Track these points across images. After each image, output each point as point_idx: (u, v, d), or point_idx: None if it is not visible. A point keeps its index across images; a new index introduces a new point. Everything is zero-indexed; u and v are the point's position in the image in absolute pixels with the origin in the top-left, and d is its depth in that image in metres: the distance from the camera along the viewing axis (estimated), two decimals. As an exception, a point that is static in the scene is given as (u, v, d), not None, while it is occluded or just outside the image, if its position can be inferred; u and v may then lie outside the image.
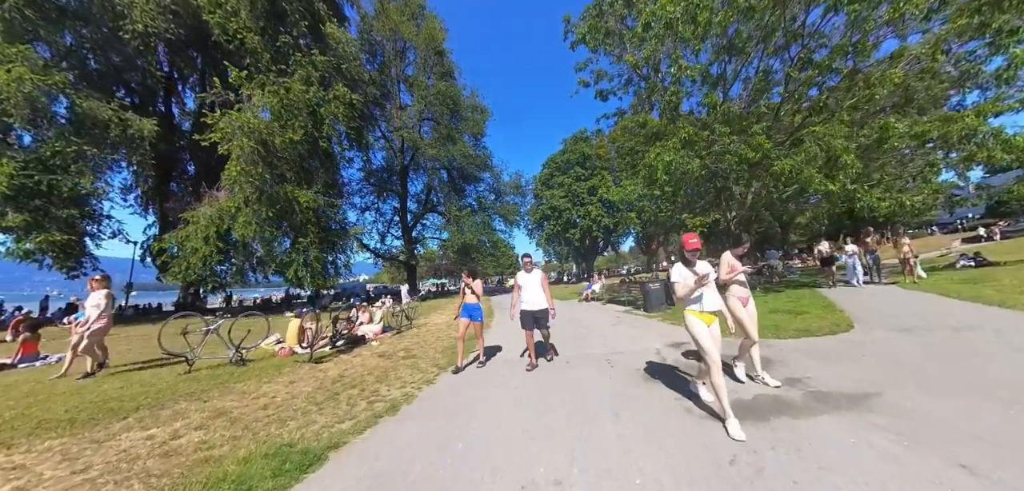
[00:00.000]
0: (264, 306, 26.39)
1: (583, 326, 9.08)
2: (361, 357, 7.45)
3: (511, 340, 7.73)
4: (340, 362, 7.09)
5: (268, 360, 7.40)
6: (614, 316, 10.68)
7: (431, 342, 8.63)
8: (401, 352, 7.75)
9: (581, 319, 10.46)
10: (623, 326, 8.73)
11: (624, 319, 9.98)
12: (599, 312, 12.24)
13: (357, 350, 8.32)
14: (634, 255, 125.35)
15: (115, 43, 20.95)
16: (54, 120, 20.15)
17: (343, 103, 19.57)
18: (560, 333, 7.92)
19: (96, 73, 21.86)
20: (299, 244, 19.54)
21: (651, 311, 10.94)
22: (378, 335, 10.16)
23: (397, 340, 9.25)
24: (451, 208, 30.12)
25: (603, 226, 42.33)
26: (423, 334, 9.90)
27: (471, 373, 5.76)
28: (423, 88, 25.34)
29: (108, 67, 22.71)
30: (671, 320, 8.96)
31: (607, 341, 6.92)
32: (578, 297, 19.04)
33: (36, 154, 18.91)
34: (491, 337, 8.29)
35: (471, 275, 6.21)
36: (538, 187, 46.87)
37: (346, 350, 8.35)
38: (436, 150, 25.87)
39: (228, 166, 18.25)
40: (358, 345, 9.03)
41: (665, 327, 8.24)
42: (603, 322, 9.52)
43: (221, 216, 20.29)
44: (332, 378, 5.86)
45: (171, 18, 20.60)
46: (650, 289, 11.10)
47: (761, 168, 11.31)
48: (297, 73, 19.27)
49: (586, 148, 42.65)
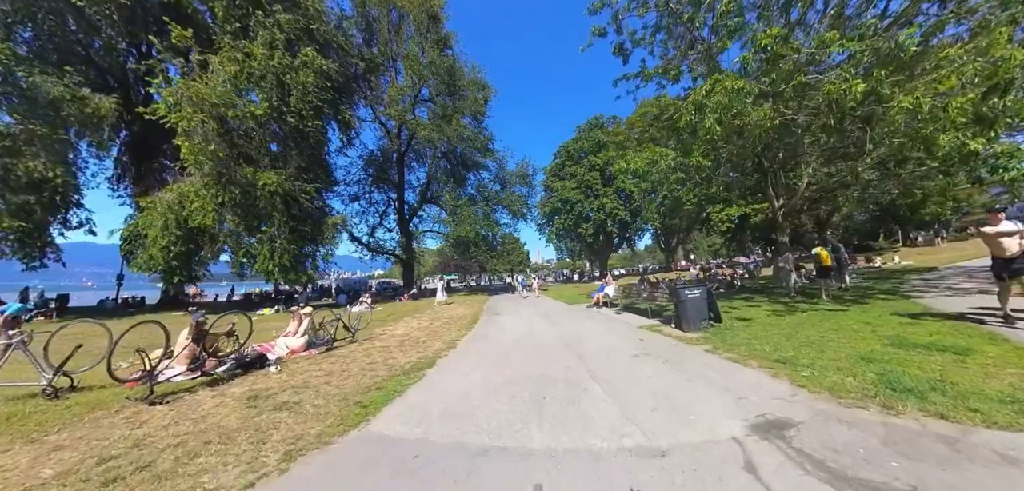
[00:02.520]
0: (240, 304, 24.06)
1: (586, 360, 5.81)
2: (217, 400, 4.63)
3: (466, 386, 4.56)
4: (172, 408, 4.13)
5: (87, 394, 4.58)
6: (635, 338, 7.38)
7: (353, 373, 5.67)
8: (290, 391, 4.82)
9: (586, 344, 7.18)
10: (652, 363, 5.44)
11: (651, 344, 6.67)
12: (612, 328, 8.94)
13: (234, 383, 5.42)
14: (651, 253, 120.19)
15: (71, 14, 18.84)
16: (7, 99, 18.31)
17: (312, 69, 16.71)
18: (542, 383, 4.71)
19: (57, 51, 19.77)
20: (263, 233, 16.88)
21: (689, 328, 7.61)
22: (296, 353, 7.24)
23: (314, 364, 6.30)
24: (447, 198, 27.10)
25: (619, 220, 38.60)
26: (356, 354, 6.92)
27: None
28: (414, 59, 22.33)
29: (68, 43, 20.73)
30: (728, 351, 5.63)
31: (628, 409, 3.66)
32: (587, 302, 15.74)
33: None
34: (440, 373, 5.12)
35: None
36: (548, 178, 43.42)
37: (224, 380, 5.45)
38: (428, 131, 22.83)
39: (179, 144, 15.75)
40: (254, 369, 6.11)
41: (725, 367, 4.91)
42: (619, 352, 6.23)
43: (181, 202, 17.89)
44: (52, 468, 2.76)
45: None
46: (687, 297, 7.76)
47: (858, 119, 7.73)
48: (260, 35, 16.53)
49: (602, 135, 38.97)
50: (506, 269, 68.83)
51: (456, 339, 8.08)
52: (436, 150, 26.56)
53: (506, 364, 5.62)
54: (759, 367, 4.78)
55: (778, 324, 7.67)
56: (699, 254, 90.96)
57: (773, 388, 4.01)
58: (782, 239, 15.56)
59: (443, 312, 14.78)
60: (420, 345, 7.72)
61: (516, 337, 8.05)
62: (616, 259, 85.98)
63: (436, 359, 6.30)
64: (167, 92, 15.11)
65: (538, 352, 6.37)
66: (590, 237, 40.58)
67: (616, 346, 6.58)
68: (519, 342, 7.45)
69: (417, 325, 10.76)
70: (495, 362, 5.78)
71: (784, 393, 3.83)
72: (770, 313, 9.12)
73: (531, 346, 6.88)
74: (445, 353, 6.75)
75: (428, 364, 5.91)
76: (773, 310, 9.51)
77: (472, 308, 16.24)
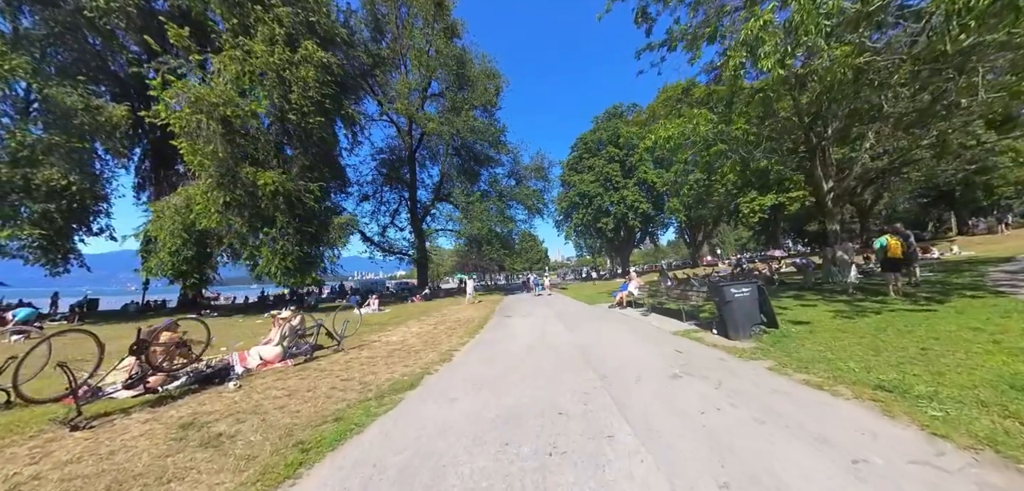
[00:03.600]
0: (255, 307, 23.84)
1: (611, 382, 4.53)
2: (147, 426, 3.92)
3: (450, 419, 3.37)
4: (92, 436, 3.29)
5: (20, 412, 3.88)
6: (670, 348, 6.03)
7: (319, 393, 4.73)
8: (233, 417, 3.94)
9: (610, 356, 5.90)
10: (700, 386, 4.11)
11: (692, 358, 5.32)
12: (640, 333, 7.60)
13: (182, 402, 4.64)
14: (674, 249, 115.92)
15: (85, 27, 18.99)
16: (33, 112, 18.60)
17: (312, 64, 15.97)
18: (549, 423, 3.47)
19: (74, 65, 20.25)
20: (265, 234, 16.31)
21: (737, 335, 6.21)
22: (270, 363, 6.31)
23: (280, 380, 5.40)
24: (458, 194, 26.03)
25: (641, 213, 36.62)
26: (334, 367, 5.91)
27: None
28: (421, 51, 21.36)
29: (88, 57, 21.23)
30: (800, 370, 4.24)
31: (681, 478, 2.39)
32: (609, 301, 14.35)
33: (5, 147, 17.42)
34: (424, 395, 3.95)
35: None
36: (566, 172, 41.81)
37: (173, 397, 4.77)
38: (436, 124, 21.81)
39: (178, 146, 15.40)
40: (212, 384, 5.27)
41: (805, 397, 3.54)
42: (652, 370, 4.91)
43: (188, 205, 17.64)
44: None
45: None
46: (734, 296, 6.33)
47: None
48: (260, 31, 15.93)
49: (621, 124, 37.10)
50: (525, 268, 67.60)
51: (455, 348, 6.94)
52: (447, 146, 25.62)
53: (506, 386, 4.41)
54: (855, 397, 3.41)
55: (850, 329, 6.17)
56: (725, 249, 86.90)
57: (895, 438, 2.65)
58: (831, 227, 13.69)
59: (453, 313, 13.75)
60: (412, 355, 6.64)
61: (526, 345, 6.84)
62: (638, 255, 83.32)
63: (423, 376, 5.18)
64: (166, 94, 14.70)
65: (549, 368, 5.14)
66: (610, 232, 38.80)
67: (648, 360, 5.26)
68: (528, 352, 6.23)
69: (418, 330, 9.71)
70: (494, 383, 4.59)
71: (919, 449, 2.48)
72: (832, 315, 7.57)
73: (542, 358, 5.66)
74: (437, 367, 5.62)
75: (410, 384, 4.79)
76: (834, 310, 7.94)
77: (484, 309, 15.13)
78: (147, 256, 21.33)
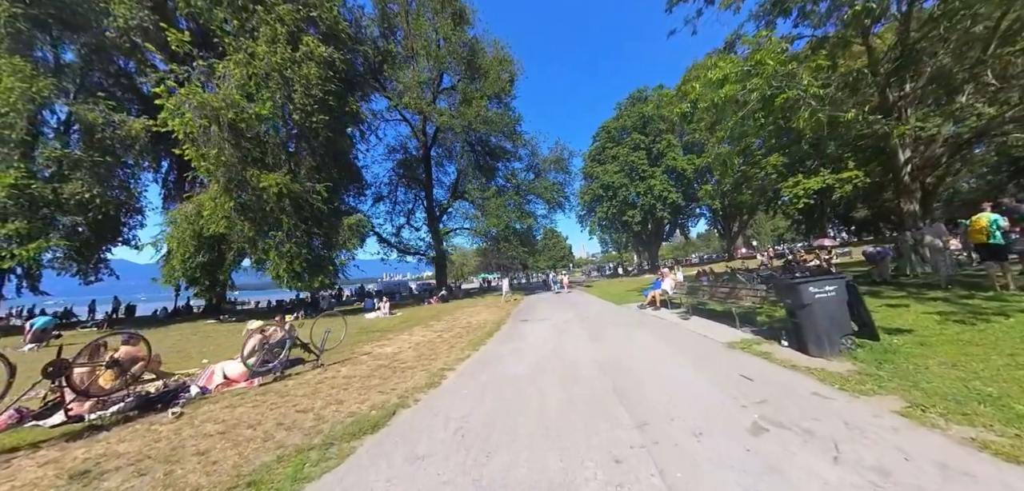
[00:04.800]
0: (273, 311, 23.66)
1: (660, 446, 3.08)
2: (41, 470, 3.26)
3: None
4: None
5: None
6: (731, 374, 4.48)
7: (261, 431, 3.84)
8: (140, 465, 3.03)
9: (649, 388, 4.45)
10: (805, 453, 2.60)
11: (770, 391, 3.76)
12: (685, 346, 6.05)
13: (111, 433, 3.97)
14: (705, 241, 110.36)
15: (107, 45, 19.25)
16: (64, 132, 19.37)
17: (314, 61, 15.17)
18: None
19: (110, 88, 20.76)
20: (272, 237, 15.71)
21: (821, 349, 4.62)
22: (234, 383, 5.43)
23: (228, 408, 4.55)
24: (472, 190, 24.79)
25: (670, 204, 34.15)
26: (297, 391, 4.83)
27: None
28: (430, 40, 20.25)
29: (117, 78, 21.77)
30: (962, 419, 2.65)
31: None
32: (639, 300, 12.68)
33: (36, 163, 17.98)
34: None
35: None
36: (588, 164, 39.80)
37: (106, 426, 4.14)
38: (448, 118, 20.64)
39: (181, 152, 15.05)
40: (154, 410, 4.61)
41: (1005, 480, 2.01)
42: (721, 418, 3.37)
43: (198, 212, 17.40)
44: None
45: (148, 7, 17.99)
46: (815, 297, 4.71)
47: None
48: (262, 31, 15.31)
49: (647, 108, 34.72)
50: (548, 266, 65.92)
51: (450, 366, 5.66)
52: (463, 143, 24.45)
53: (498, 442, 3.06)
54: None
55: (980, 339, 4.60)
56: (762, 240, 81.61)
57: None
58: (908, 207, 11.51)
59: (465, 317, 12.55)
60: (398, 374, 5.44)
61: (536, 363, 5.46)
62: (667, 249, 79.62)
63: (396, 410, 3.97)
64: (170, 100, 14.35)
65: (562, 407, 3.75)
66: (637, 226, 36.53)
67: (706, 392, 3.77)
68: (537, 374, 4.85)
69: (419, 339, 8.52)
70: (479, 434, 3.25)
71: None
72: (938, 318, 5.82)
73: (554, 390, 4.26)
74: (419, 395, 4.34)
75: (373, 425, 3.58)
76: (937, 312, 6.17)
77: (499, 312, 13.84)
78: (165, 264, 21.48)
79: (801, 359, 4.61)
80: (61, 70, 19.66)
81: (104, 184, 19.69)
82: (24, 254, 17.06)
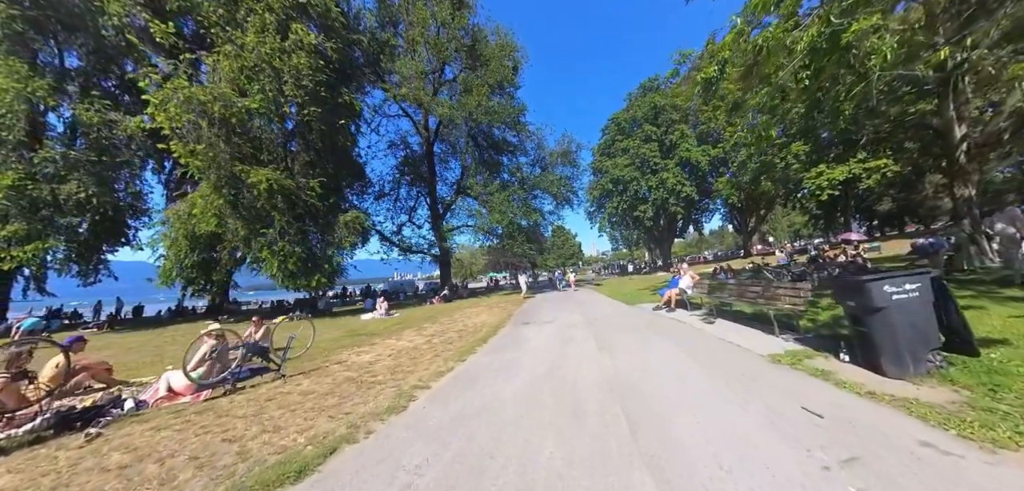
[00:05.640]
0: (273, 312, 23.11)
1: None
2: None
3: None
4: None
5: None
6: (787, 405, 3.38)
7: (168, 470, 2.41)
8: None
9: (680, 428, 3.36)
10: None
11: (854, 440, 2.66)
12: (717, 361, 4.93)
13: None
14: (718, 238, 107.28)
15: (107, 45, 18.82)
16: (70, 135, 19.00)
17: (304, 50, 14.34)
18: None
19: (101, 84, 20.33)
20: (263, 235, 14.97)
21: (901, 368, 3.49)
22: (178, 396, 4.84)
23: (152, 430, 3.85)
24: (474, 185, 23.76)
25: (684, 198, 32.57)
26: (236, 410, 3.94)
27: None
28: (425, 24, 19.26)
29: (110, 73, 21.40)
30: None
31: None
32: (653, 300, 11.50)
33: (34, 165, 17.68)
34: None
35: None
36: (597, 158, 38.40)
37: (9, 450, 3.48)
38: (448, 109, 19.63)
39: (167, 148, 14.43)
40: (74, 429, 3.92)
41: None
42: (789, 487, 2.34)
43: (191, 210, 16.80)
44: None
45: (140, 3, 17.44)
46: (892, 301, 3.58)
47: None
48: (251, 20, 14.55)
49: (659, 99, 33.21)
50: (557, 264, 64.62)
51: (426, 383, 4.66)
52: (467, 139, 23.45)
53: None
54: None
55: None
56: (778, 236, 78.82)
57: None
58: (963, 193, 10.10)
59: (463, 319, 11.58)
60: (359, 393, 4.49)
61: (529, 385, 4.39)
62: (679, 246, 77.51)
63: (337, 448, 3.00)
64: (153, 95, 13.73)
65: (554, 477, 2.71)
66: (649, 221, 35.03)
67: (766, 449, 2.66)
68: (528, 405, 3.80)
69: (404, 345, 7.57)
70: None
71: None
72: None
73: (545, 438, 3.19)
74: (369, 429, 3.32)
75: (299, 471, 2.64)
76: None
77: (501, 313, 12.84)
78: (161, 264, 21.02)
79: (876, 382, 3.48)
80: (66, 74, 19.40)
81: (103, 184, 19.29)
82: (22, 255, 16.73)
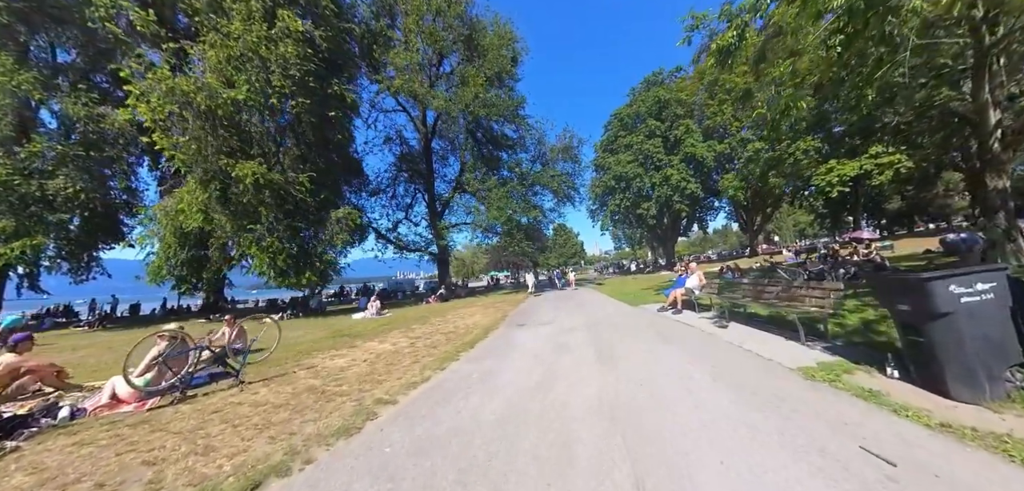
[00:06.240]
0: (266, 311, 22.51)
1: None
2: None
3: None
4: None
5: None
6: (838, 444, 2.67)
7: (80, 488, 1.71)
8: None
9: (688, 475, 2.64)
10: None
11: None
12: (734, 376, 4.21)
13: None
14: (723, 237, 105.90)
15: (97, 38, 18.31)
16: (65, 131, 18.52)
17: (292, 39, 13.71)
18: None
19: (90, 77, 19.79)
20: (250, 231, 14.38)
21: (971, 390, 2.76)
22: (122, 403, 4.38)
23: (77, 445, 3.36)
24: (471, 181, 23.03)
25: (688, 195, 31.71)
26: (168, 429, 3.23)
27: None
28: (420, 12, 18.58)
29: (100, 67, 20.91)
30: None
31: None
32: (657, 300, 10.76)
33: (21, 160, 17.19)
34: None
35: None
36: (599, 155, 37.57)
37: None
38: (444, 101, 18.92)
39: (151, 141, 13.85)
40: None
41: None
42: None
43: (178, 206, 16.25)
44: None
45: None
46: (961, 304, 2.88)
47: None
48: (236, 7, 13.93)
49: (663, 93, 32.36)
50: (559, 263, 63.86)
51: (389, 399, 3.96)
52: (466, 135, 22.75)
53: None
54: None
55: None
56: (783, 235, 77.67)
57: None
58: (997, 184, 9.31)
59: (454, 319, 10.90)
60: (316, 406, 3.84)
61: (509, 406, 3.69)
62: (682, 245, 76.50)
63: (256, 487, 2.30)
64: (134, 85, 13.17)
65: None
66: (652, 219, 34.20)
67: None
68: (502, 444, 3.12)
69: (386, 348, 6.91)
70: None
71: None
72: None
73: (525, 470, 2.51)
74: (309, 457, 2.63)
75: None
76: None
77: (495, 313, 12.17)
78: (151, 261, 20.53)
79: (945, 408, 2.77)
80: (58, 68, 18.90)
81: (93, 179, 18.80)
82: (9, 252, 16.28)
